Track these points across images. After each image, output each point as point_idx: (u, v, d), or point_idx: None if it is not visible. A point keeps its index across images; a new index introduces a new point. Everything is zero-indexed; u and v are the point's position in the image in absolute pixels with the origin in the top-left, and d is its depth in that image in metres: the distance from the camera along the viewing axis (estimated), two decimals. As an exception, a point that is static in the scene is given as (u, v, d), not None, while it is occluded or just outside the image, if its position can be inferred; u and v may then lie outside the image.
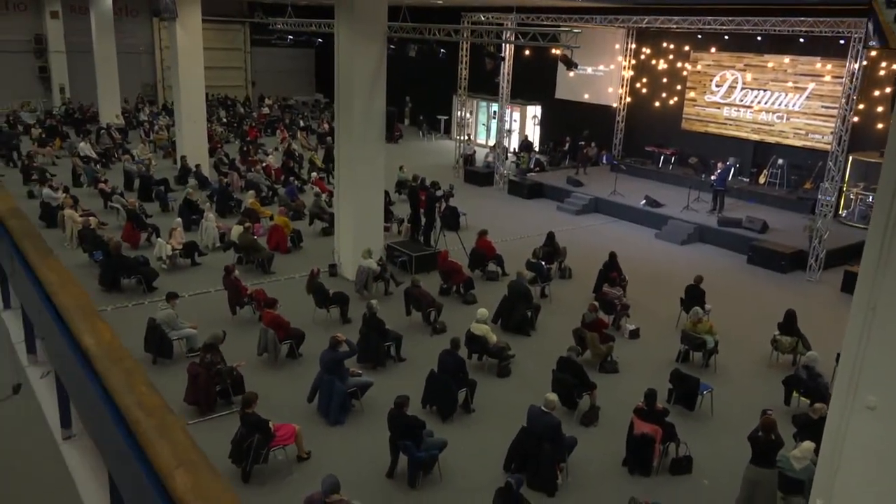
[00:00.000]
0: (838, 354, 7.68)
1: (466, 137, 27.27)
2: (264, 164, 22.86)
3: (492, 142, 29.18)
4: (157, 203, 19.10)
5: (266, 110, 36.48)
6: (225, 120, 32.93)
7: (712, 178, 19.54)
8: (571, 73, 24.79)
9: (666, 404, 9.47)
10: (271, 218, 17.38)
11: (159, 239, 15.05)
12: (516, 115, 28.88)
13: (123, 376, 2.20)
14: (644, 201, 19.91)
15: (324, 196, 19.14)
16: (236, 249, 15.04)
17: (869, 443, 7.05)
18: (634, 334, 12.35)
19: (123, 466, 2.15)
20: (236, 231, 15.16)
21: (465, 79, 24.58)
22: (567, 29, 14.42)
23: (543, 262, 14.22)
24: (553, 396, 8.29)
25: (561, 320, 12.56)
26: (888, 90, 18.17)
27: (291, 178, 20.86)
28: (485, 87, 26.77)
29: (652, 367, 11.09)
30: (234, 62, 39.86)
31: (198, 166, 21.20)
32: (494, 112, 30.32)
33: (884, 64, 18.24)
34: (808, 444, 7.79)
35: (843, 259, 16.19)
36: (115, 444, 2.14)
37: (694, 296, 12.47)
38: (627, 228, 19.34)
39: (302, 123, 33.78)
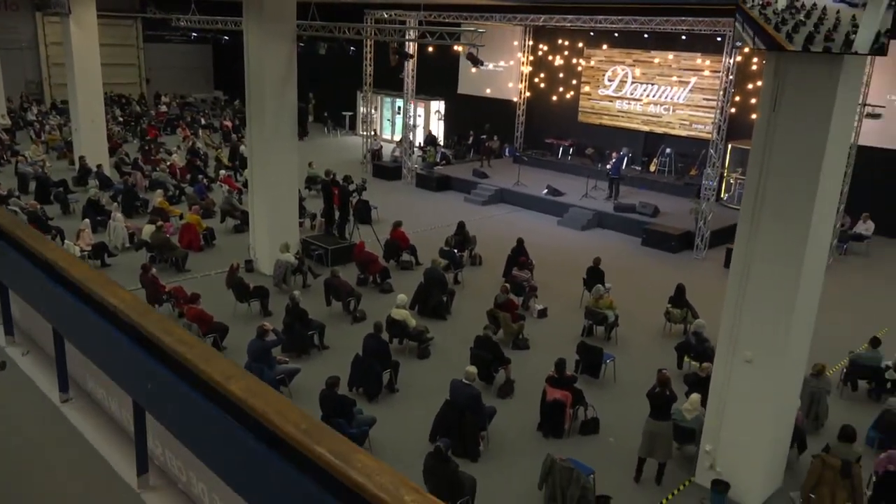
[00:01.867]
0: (720, 317, 8.66)
1: (373, 133, 27.69)
2: (169, 164, 22.51)
3: (397, 137, 29.71)
4: (56, 205, 18.55)
5: (164, 108, 35.56)
6: (121, 119, 31.92)
7: (608, 167, 20.82)
8: (474, 70, 25.66)
9: (574, 374, 10.33)
10: (181, 217, 17.29)
11: (66, 241, 14.75)
12: (420, 111, 29.49)
13: (158, 322, 2.61)
14: (546, 191, 20.98)
15: (234, 193, 19.15)
16: (149, 249, 14.93)
17: (747, 390, 8.10)
18: (542, 313, 13.23)
19: (163, 397, 2.58)
20: (148, 230, 15.05)
21: (370, 75, 24.97)
22: (473, 29, 15.11)
23: (455, 250, 14.92)
24: (472, 369, 8.96)
25: (474, 304, 13.27)
26: (759, 83, 19.88)
27: (200, 177, 20.67)
28: (389, 83, 27.23)
29: (560, 342, 11.96)
30: (126, 59, 38.48)
31: (99, 166, 20.67)
32: (399, 108, 30.87)
33: (755, 59, 19.96)
34: (694, 397, 8.80)
35: (725, 238, 17.66)
36: (154, 378, 2.57)
37: (595, 276, 13.48)
38: (532, 216, 20.34)
39: (203, 121, 33.18)
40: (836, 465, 7.86)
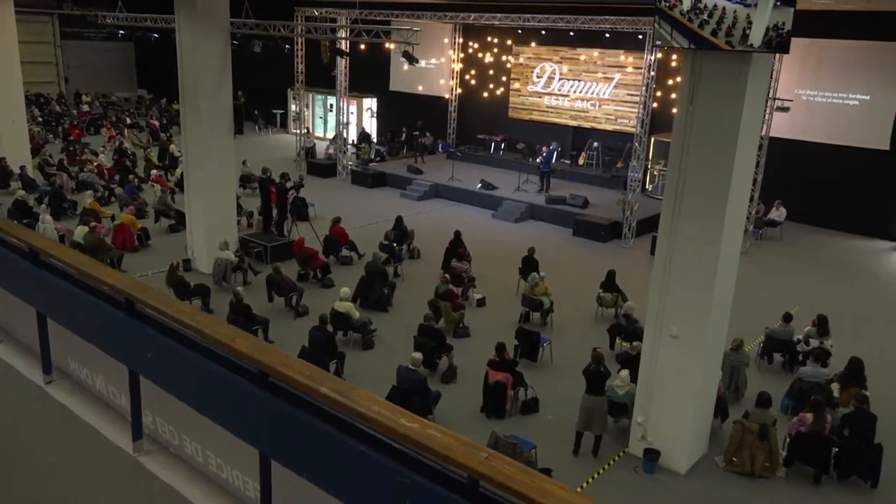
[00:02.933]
0: (648, 298, 9.26)
1: (305, 130, 27.66)
2: (96, 164, 21.99)
3: (330, 134, 29.75)
4: (-22, 208, 17.94)
5: (86, 108, 34.49)
6: (41, 119, 30.84)
7: (538, 161, 21.49)
8: (406, 67, 25.95)
9: (514, 357, 10.81)
10: (113, 218, 17.01)
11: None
12: (353, 108, 29.59)
13: (158, 297, 2.86)
14: (480, 185, 21.50)
15: (168, 193, 18.92)
16: (82, 250, 14.67)
17: (674, 365, 8.73)
18: (481, 302, 13.69)
19: (164, 363, 2.84)
20: (81, 231, 14.79)
21: (301, 73, 24.96)
22: (408, 28, 15.42)
23: (395, 244, 15.23)
24: (418, 355, 9.32)
25: (414, 295, 13.62)
26: (678, 79, 20.89)
27: (130, 177, 20.29)
28: (320, 80, 27.26)
29: (498, 329, 12.43)
30: (42, 57, 37.08)
31: (23, 168, 20.04)
32: (331, 105, 30.87)
33: (674, 57, 20.95)
34: (624, 373, 9.41)
35: (650, 227, 18.51)
36: (154, 347, 2.83)
37: (530, 265, 14.03)
38: (467, 210, 20.81)
39: (129, 121, 32.38)
40: (754, 428, 8.58)
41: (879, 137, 18.77)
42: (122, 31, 23.91)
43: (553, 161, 21.71)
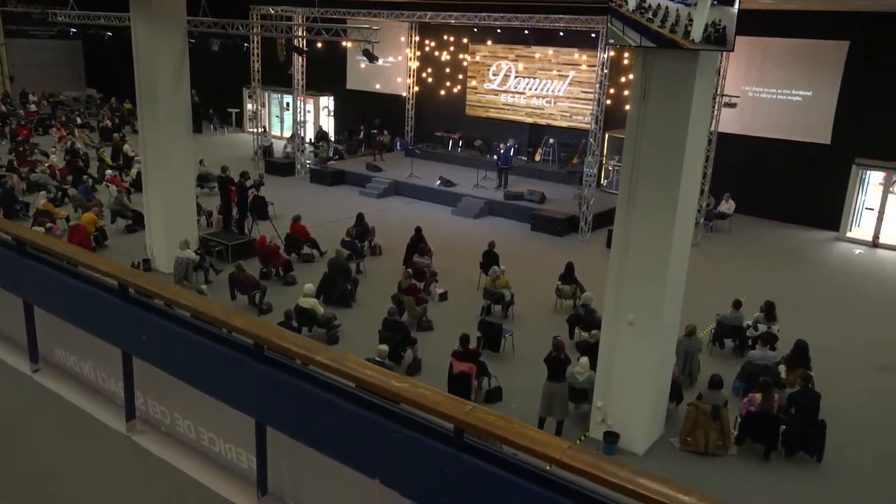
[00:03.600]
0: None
1: (262, 129, 27.51)
2: (48, 165, 21.58)
3: (286, 133, 29.64)
4: (-74, 211, 17.47)
5: (34, 108, 33.67)
6: (-14, 119, 30.01)
7: (496, 157, 21.83)
8: (364, 65, 26.04)
9: (477, 348, 11.07)
10: (68, 219, 16.76)
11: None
12: (310, 107, 29.51)
13: (153, 282, 3.01)
14: (439, 182, 21.74)
15: (123, 193, 18.72)
16: (37, 252, 14.45)
17: (630, 351, 9.10)
18: (443, 297, 13.94)
19: (159, 344, 3.00)
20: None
21: (258, 71, 24.84)
22: (368, 27, 15.57)
23: (357, 241, 15.37)
24: (384, 347, 9.53)
25: (377, 291, 13.79)
26: (631, 76, 21.45)
27: (84, 177, 19.98)
28: (276, 79, 27.13)
29: (461, 322, 12.67)
30: (-16, 55, 36.10)
31: (-30, 170, 19.57)
32: (287, 103, 30.75)
33: (626, 55, 21.49)
34: (584, 360, 9.76)
35: (606, 221, 18.98)
36: (150, 329, 2.99)
37: (490, 259, 14.33)
38: (426, 207, 21.03)
39: (79, 120, 31.72)
40: (707, 409, 9.00)
41: (821, 132, 19.58)
42: (73, 30, 23.43)
43: (511, 158, 22.06)
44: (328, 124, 29.68)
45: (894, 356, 12.31)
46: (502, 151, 21.59)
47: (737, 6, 7.76)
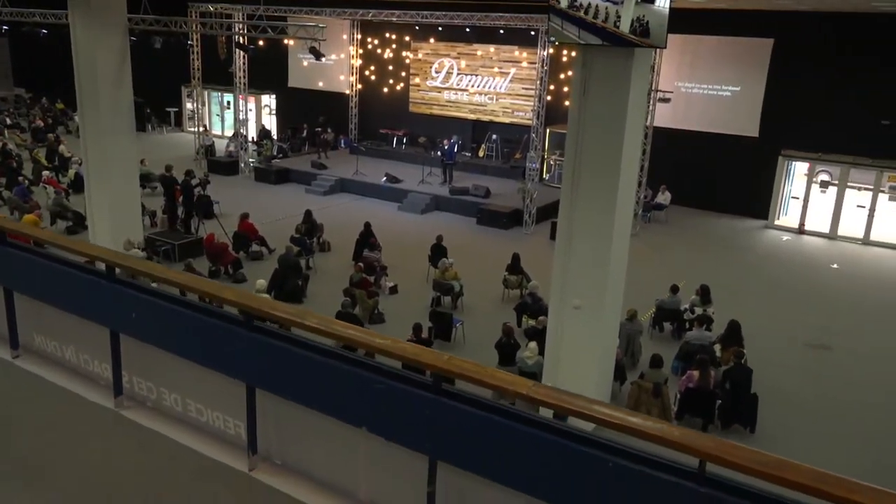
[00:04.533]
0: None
1: (203, 128, 27.19)
2: (-21, 167, 20.92)
3: (228, 132, 29.37)
4: None
5: (-41, 108, 32.43)
6: None
7: (440, 153, 22.18)
8: (306, 63, 26.04)
9: (430, 338, 11.38)
10: (5, 221, 16.35)
11: None
12: (251, 105, 29.30)
13: (139, 262, 3.18)
14: (385, 179, 21.96)
15: (62, 194, 18.33)
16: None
17: (576, 335, 9.55)
18: (394, 290, 14.19)
19: (149, 321, 3.20)
20: (-27, 236, 14.20)
21: (198, 69, 24.58)
22: (313, 24, 15.67)
23: (306, 238, 15.49)
24: (340, 339, 9.72)
25: (327, 286, 13.96)
26: (570, 73, 22.09)
27: (20, 178, 19.47)
28: (216, 77, 26.84)
29: (412, 314, 12.94)
30: None
31: None
32: (228, 102, 30.44)
33: (565, 52, 22.10)
34: (532, 345, 10.18)
35: (549, 214, 19.58)
36: (139, 307, 3.18)
37: (438, 251, 14.66)
38: (373, 204, 21.22)
39: (9, 121, 30.72)
40: (648, 387, 9.52)
41: (750, 125, 20.55)
42: (6, 27, 22.73)
43: (455, 154, 22.43)
44: (270, 123, 29.52)
45: (819, 334, 13.14)
46: (447, 148, 21.95)
47: (660, 4, 8.27)
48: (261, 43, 23.87)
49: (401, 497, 2.87)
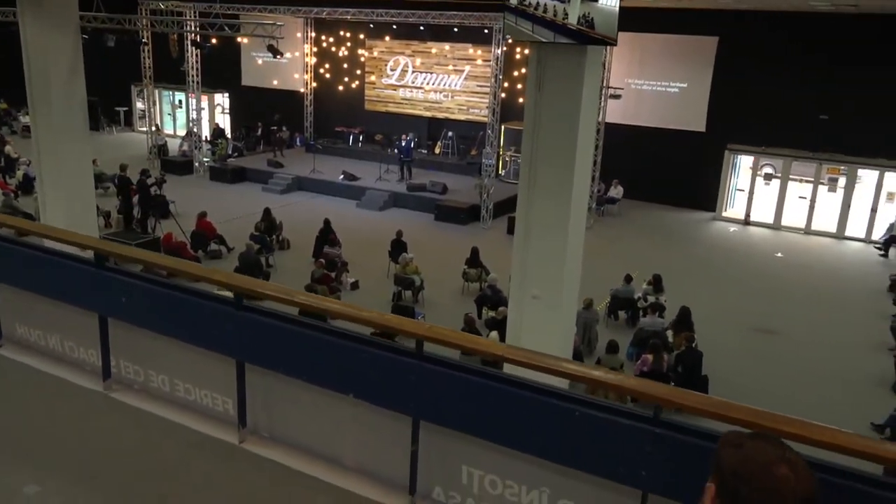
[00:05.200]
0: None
1: (155, 128, 26.82)
2: (-78, 168, 20.34)
3: (180, 131, 29.04)
4: None
5: None
6: None
7: (397, 150, 22.37)
8: (260, 62, 25.93)
9: (391, 331, 11.58)
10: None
11: None
12: (204, 104, 28.96)
13: (129, 250, 3.31)
14: (342, 176, 22.05)
15: (10, 196, 17.98)
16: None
17: (536, 322, 9.86)
18: (355, 285, 14.36)
19: (140, 304, 3.34)
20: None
21: (149, 68, 24.25)
22: (271, 23, 15.69)
23: (266, 236, 15.53)
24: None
25: (288, 283, 13.95)
26: (523, 71, 22.50)
27: (-33, 180, 19.01)
28: (167, 75, 26.48)
29: (374, 308, 13.11)
30: None
31: None
32: (180, 101, 30.07)
33: (518, 50, 22.49)
34: (493, 334, 10.49)
35: (506, 209, 19.94)
36: (130, 292, 3.33)
37: (398, 247, 14.87)
38: (331, 201, 21.28)
39: (-49, 122, 29.83)
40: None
41: (697, 121, 21.24)
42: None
43: (412, 150, 22.64)
44: (224, 122, 29.26)
45: (764, 320, 13.75)
46: (404, 145, 22.13)
47: (604, 2, 8.62)
48: (214, 41, 23.74)
49: (385, 460, 3.09)
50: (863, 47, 18.35)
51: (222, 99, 29.57)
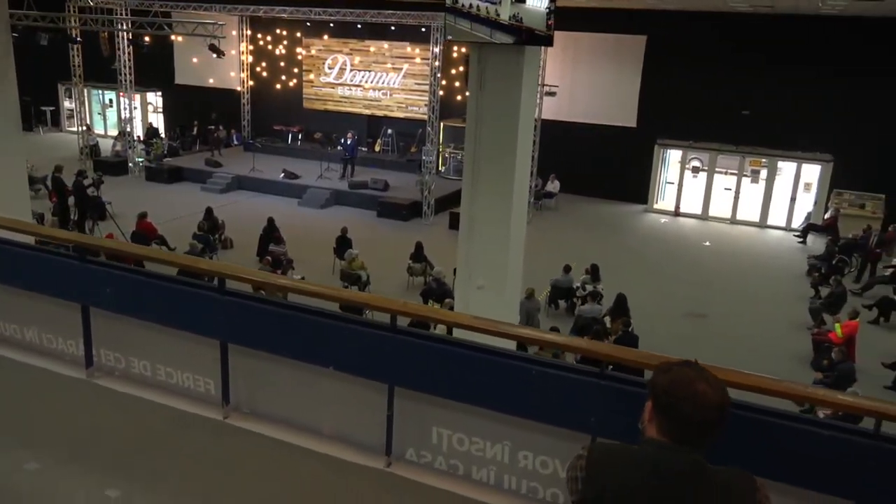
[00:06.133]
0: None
1: (85, 127, 26.15)
2: None
3: (111, 131, 28.41)
4: None
5: None
6: None
7: (341, 148, 22.51)
8: (195, 60, 25.61)
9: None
10: None
11: None
12: (136, 103, 28.38)
13: (113, 243, 3.50)
14: (283, 175, 22.04)
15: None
16: None
17: (482, 311, 10.11)
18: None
19: (126, 294, 3.54)
20: None
21: (78, 66, 23.65)
22: (212, 22, 15.61)
23: (209, 235, 15.49)
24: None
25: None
26: (461, 68, 22.91)
27: None
28: (97, 74, 25.85)
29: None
30: None
31: None
32: (110, 100, 29.40)
33: (455, 48, 22.89)
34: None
35: (447, 204, 20.40)
36: (115, 283, 3.52)
37: (343, 243, 15.07)
38: (272, 200, 21.25)
39: None
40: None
41: (628, 116, 22.09)
42: None
43: (356, 148, 22.80)
44: (158, 121, 28.73)
45: (694, 304, 14.55)
46: (349, 143, 22.26)
47: (532, 4, 9.06)
48: (147, 39, 23.35)
49: (363, 427, 3.40)
50: (782, 47, 19.46)
51: (155, 98, 29.03)
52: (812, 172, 20.56)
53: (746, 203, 21.12)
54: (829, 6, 16.24)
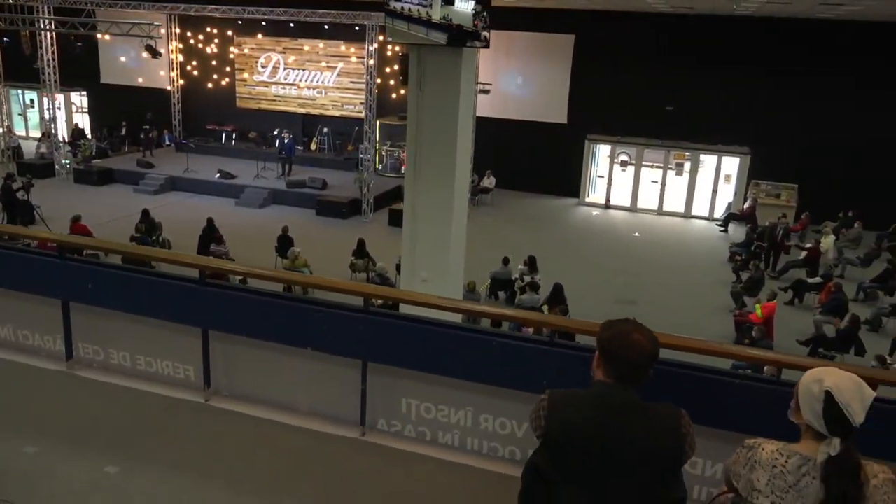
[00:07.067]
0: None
1: (5, 129, 25.27)
2: None
3: (33, 132, 27.51)
4: None
5: None
6: None
7: (278, 147, 22.48)
8: (123, 59, 25.08)
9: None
10: None
11: None
12: (60, 103, 27.52)
13: (94, 241, 3.70)
14: (218, 175, 21.87)
15: None
16: None
17: (426, 303, 10.62)
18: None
19: (109, 289, 3.73)
20: None
21: (-2, 66, 22.87)
22: (149, 22, 15.40)
23: (147, 236, 15.36)
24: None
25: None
26: (396, 67, 23.18)
27: None
28: (15, 73, 24.98)
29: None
30: None
31: None
32: (31, 101, 28.45)
33: (389, 46, 23.14)
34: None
35: (386, 202, 20.70)
36: (96, 279, 3.71)
37: (285, 241, 15.20)
38: (208, 200, 21.07)
39: None
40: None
41: (559, 113, 22.80)
42: None
43: (294, 147, 22.80)
44: (83, 121, 27.94)
45: (625, 291, 15.29)
46: (286, 142, 22.24)
47: (460, 6, 9.50)
48: (73, 38, 22.75)
49: (338, 403, 3.72)
50: (705, 47, 20.48)
51: (80, 98, 28.21)
52: (732, 165, 21.72)
53: (672, 195, 22.15)
54: (743, 7, 17.25)
